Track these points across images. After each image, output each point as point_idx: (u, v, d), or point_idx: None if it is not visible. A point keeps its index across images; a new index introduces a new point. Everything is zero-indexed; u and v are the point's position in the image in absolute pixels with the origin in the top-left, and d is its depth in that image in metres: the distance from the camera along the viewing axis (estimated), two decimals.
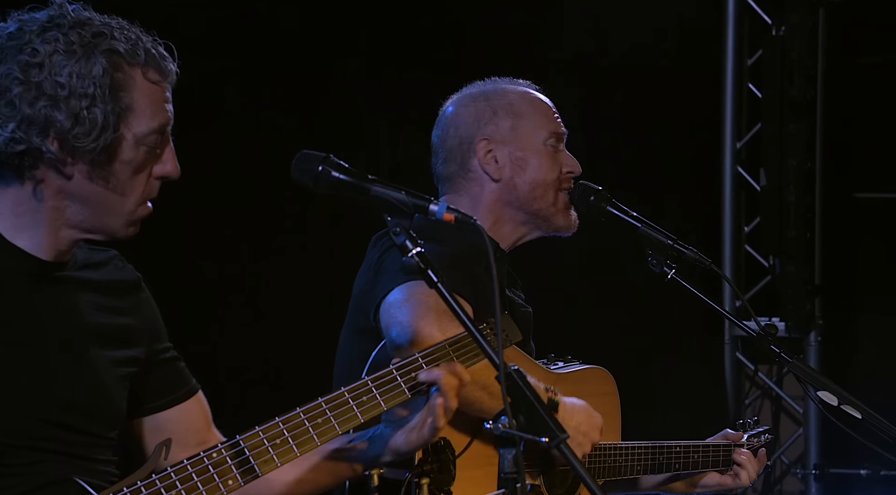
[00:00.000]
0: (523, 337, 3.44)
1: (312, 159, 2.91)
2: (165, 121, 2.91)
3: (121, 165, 2.87)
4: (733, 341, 7.81)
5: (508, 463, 2.73)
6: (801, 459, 7.81)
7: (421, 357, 3.11)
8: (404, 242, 2.85)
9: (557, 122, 4.05)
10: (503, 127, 3.98)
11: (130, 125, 2.86)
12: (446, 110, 4.06)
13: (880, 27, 7.70)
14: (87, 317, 2.96)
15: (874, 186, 7.81)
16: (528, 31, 6.98)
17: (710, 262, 4.06)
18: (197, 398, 3.21)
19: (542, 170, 3.98)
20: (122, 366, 3.01)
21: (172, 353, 3.18)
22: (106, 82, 2.82)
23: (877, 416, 3.95)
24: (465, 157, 3.99)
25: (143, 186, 2.91)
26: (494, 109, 4.00)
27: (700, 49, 7.62)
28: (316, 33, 6.32)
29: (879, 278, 7.78)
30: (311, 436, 2.98)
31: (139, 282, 3.14)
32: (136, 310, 3.09)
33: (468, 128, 4.00)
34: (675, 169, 7.53)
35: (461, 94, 4.08)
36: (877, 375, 7.41)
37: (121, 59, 2.85)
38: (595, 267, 6.92)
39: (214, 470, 2.88)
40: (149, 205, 2.95)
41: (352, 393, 3.03)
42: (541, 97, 4.07)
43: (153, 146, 2.90)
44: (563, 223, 4.04)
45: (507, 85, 4.07)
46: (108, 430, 2.98)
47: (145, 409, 3.12)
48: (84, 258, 3.02)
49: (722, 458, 4.33)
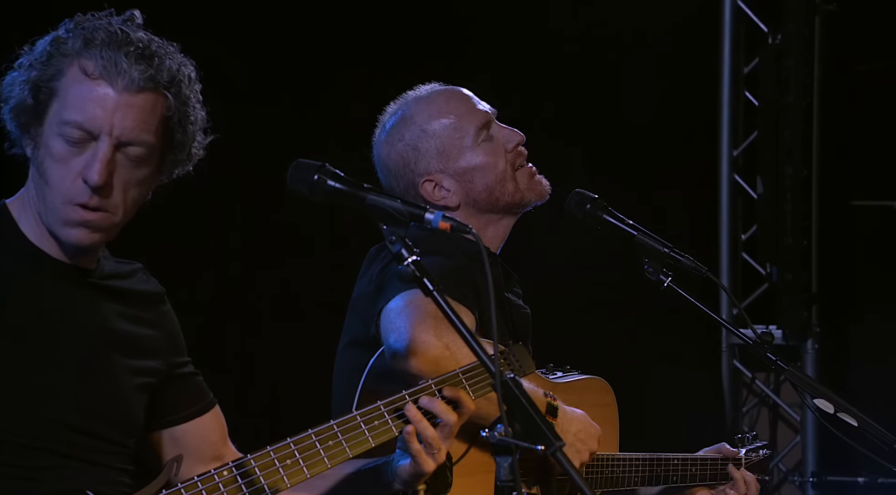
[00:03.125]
0: (524, 344, 3.44)
1: (308, 168, 2.90)
2: (87, 119, 2.84)
3: (44, 152, 2.88)
4: (730, 349, 7.81)
5: (505, 471, 2.74)
6: (798, 467, 7.81)
7: (434, 383, 3.11)
8: (400, 251, 2.85)
9: (476, 110, 3.96)
10: (430, 157, 3.91)
11: (53, 110, 2.86)
12: (375, 156, 4.00)
13: (876, 35, 7.72)
14: (110, 324, 2.98)
15: (871, 194, 7.82)
16: (522, 37, 6.98)
17: (707, 271, 4.05)
18: (214, 412, 3.22)
19: (489, 171, 3.91)
20: (142, 375, 3.02)
21: (191, 367, 3.19)
22: (40, 61, 2.86)
23: (873, 424, 3.95)
24: (418, 198, 3.92)
25: (67, 182, 2.85)
26: (414, 145, 3.92)
27: (696, 57, 7.63)
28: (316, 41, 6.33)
29: (876, 286, 7.78)
30: (321, 459, 2.98)
31: (162, 295, 3.15)
32: (158, 323, 3.10)
33: (404, 174, 3.94)
34: (672, 177, 7.53)
35: (380, 132, 3.99)
36: (873, 383, 7.41)
37: (66, 48, 2.86)
38: (592, 275, 6.91)
39: (224, 489, 2.89)
40: (80, 210, 2.86)
41: (364, 418, 3.04)
42: (449, 95, 3.99)
43: (71, 140, 2.85)
44: (533, 196, 3.98)
45: (412, 104, 3.97)
46: (125, 437, 2.99)
47: (163, 422, 3.14)
48: (111, 268, 3.03)
49: (719, 472, 4.32)
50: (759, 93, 7.60)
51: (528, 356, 3.31)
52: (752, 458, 4.40)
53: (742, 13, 7.64)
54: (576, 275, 6.77)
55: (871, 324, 7.77)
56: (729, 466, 4.31)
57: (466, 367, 3.16)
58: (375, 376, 3.58)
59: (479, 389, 3.15)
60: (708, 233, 7.69)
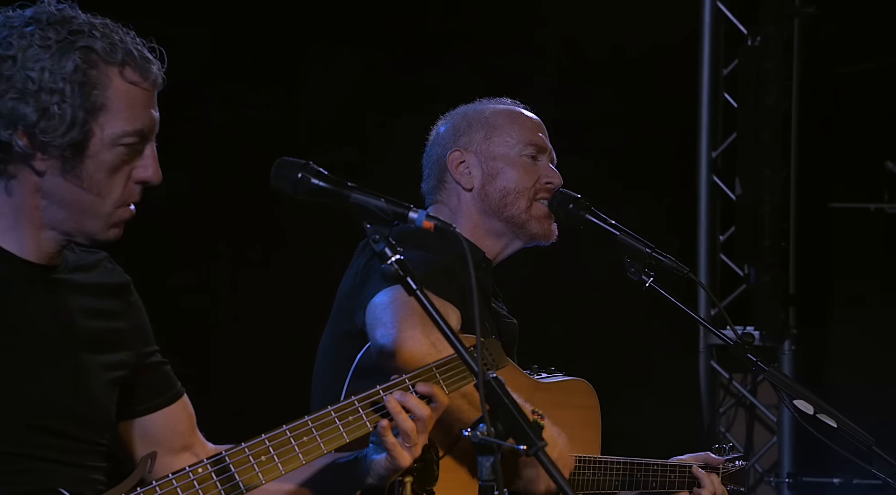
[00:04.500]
0: (507, 353, 3.45)
1: (292, 166, 2.90)
2: (144, 124, 2.87)
3: (94, 164, 2.84)
4: (708, 350, 7.83)
5: (486, 471, 2.73)
6: (774, 468, 7.84)
7: (408, 378, 3.11)
8: (383, 250, 2.84)
9: (538, 136, 4.09)
10: (476, 137, 4.05)
11: (103, 124, 2.83)
12: (432, 132, 4.15)
13: (854, 38, 7.75)
14: (77, 320, 2.95)
15: (848, 196, 7.85)
16: (507, 37, 6.99)
17: (688, 271, 4.07)
18: (182, 401, 3.20)
19: (514, 179, 4.02)
20: (113, 370, 3.01)
21: (159, 357, 3.17)
22: (77, 79, 2.79)
23: (851, 425, 3.96)
24: (441, 171, 4.07)
25: (122, 188, 2.87)
26: (470, 122, 4.08)
27: (676, 59, 7.64)
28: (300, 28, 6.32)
29: (853, 288, 7.81)
30: (296, 454, 2.98)
31: (129, 284, 3.12)
32: (125, 314, 3.08)
33: (444, 143, 4.08)
34: (652, 178, 7.54)
35: (447, 114, 4.16)
36: (850, 384, 7.44)
37: (96, 56, 2.82)
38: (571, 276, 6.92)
39: (199, 486, 2.88)
40: (131, 209, 2.91)
41: (338, 413, 3.04)
42: (524, 113, 4.13)
43: (130, 148, 2.86)
44: (538, 230, 4.05)
45: (491, 103, 4.15)
46: (99, 436, 2.97)
47: (132, 412, 3.12)
48: (75, 260, 3.00)
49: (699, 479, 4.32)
50: (739, 95, 7.62)
51: (500, 350, 3.31)
52: (729, 469, 4.40)
53: (722, 15, 7.66)
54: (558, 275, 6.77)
55: (849, 325, 7.80)
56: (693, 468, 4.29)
57: (440, 361, 3.17)
58: (362, 372, 3.59)
59: (453, 384, 3.16)
60: (686, 234, 7.71)
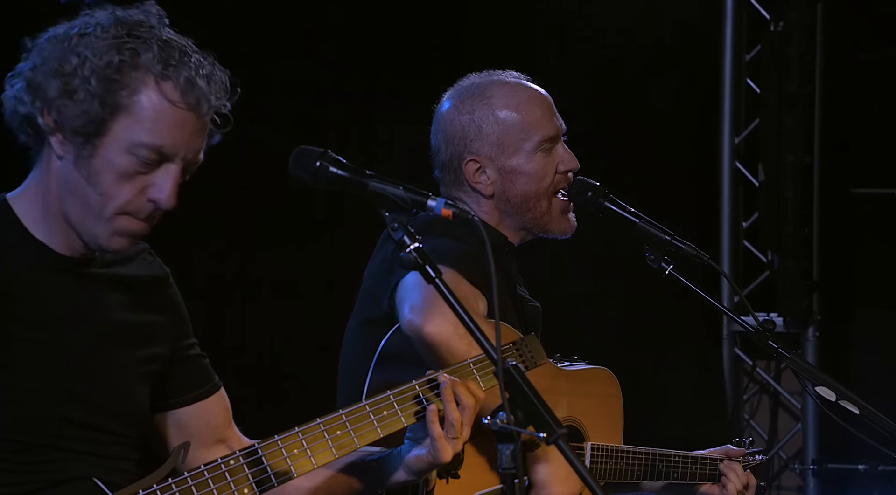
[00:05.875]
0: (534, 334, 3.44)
1: (310, 154, 2.90)
2: (167, 143, 2.83)
3: (103, 163, 2.82)
4: (731, 337, 7.82)
5: (507, 459, 2.73)
6: (799, 454, 7.82)
7: (445, 373, 3.10)
8: (402, 238, 2.84)
9: (550, 122, 3.98)
10: (489, 142, 3.93)
11: (122, 126, 2.81)
12: (438, 112, 4.02)
13: (878, 23, 7.70)
14: (112, 314, 2.95)
15: (872, 182, 7.81)
16: (526, 24, 6.97)
17: (708, 258, 4.05)
18: (219, 395, 3.20)
19: (533, 182, 3.94)
20: (145, 364, 3.01)
21: (197, 350, 3.17)
22: (108, 74, 2.79)
23: (874, 412, 3.95)
24: (457, 173, 3.97)
25: (129, 197, 2.84)
26: (479, 124, 3.93)
27: (698, 44, 7.62)
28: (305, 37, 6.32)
29: (877, 273, 7.78)
30: (329, 448, 2.99)
31: (167, 277, 3.12)
32: (162, 307, 3.08)
33: (456, 144, 3.95)
34: (674, 164, 7.53)
35: (453, 93, 4.02)
36: (874, 371, 7.41)
37: (139, 61, 2.81)
38: (593, 264, 6.91)
39: (231, 478, 2.90)
40: (138, 221, 2.87)
41: (373, 407, 3.04)
42: (532, 96, 3.99)
43: (145, 161, 2.82)
44: (557, 228, 4.02)
45: (496, 85, 3.98)
46: (130, 429, 2.98)
47: (168, 404, 3.12)
48: (113, 254, 2.98)
49: (719, 472, 4.31)
50: (761, 80, 7.59)
51: (539, 347, 3.30)
52: (750, 463, 4.39)
53: (744, 0, 7.63)
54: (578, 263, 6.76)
55: (872, 311, 7.76)
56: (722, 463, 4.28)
57: (477, 357, 3.17)
58: (386, 357, 3.60)
59: (490, 379, 3.16)
60: (709, 221, 7.69)
